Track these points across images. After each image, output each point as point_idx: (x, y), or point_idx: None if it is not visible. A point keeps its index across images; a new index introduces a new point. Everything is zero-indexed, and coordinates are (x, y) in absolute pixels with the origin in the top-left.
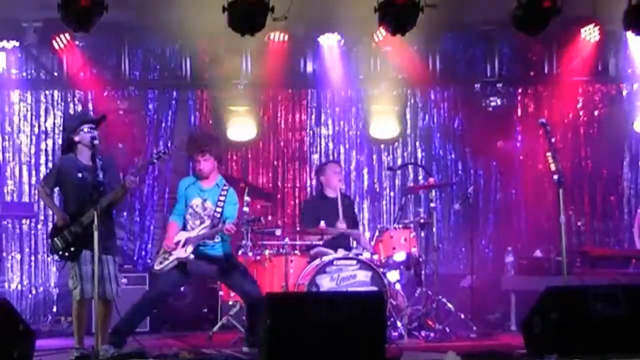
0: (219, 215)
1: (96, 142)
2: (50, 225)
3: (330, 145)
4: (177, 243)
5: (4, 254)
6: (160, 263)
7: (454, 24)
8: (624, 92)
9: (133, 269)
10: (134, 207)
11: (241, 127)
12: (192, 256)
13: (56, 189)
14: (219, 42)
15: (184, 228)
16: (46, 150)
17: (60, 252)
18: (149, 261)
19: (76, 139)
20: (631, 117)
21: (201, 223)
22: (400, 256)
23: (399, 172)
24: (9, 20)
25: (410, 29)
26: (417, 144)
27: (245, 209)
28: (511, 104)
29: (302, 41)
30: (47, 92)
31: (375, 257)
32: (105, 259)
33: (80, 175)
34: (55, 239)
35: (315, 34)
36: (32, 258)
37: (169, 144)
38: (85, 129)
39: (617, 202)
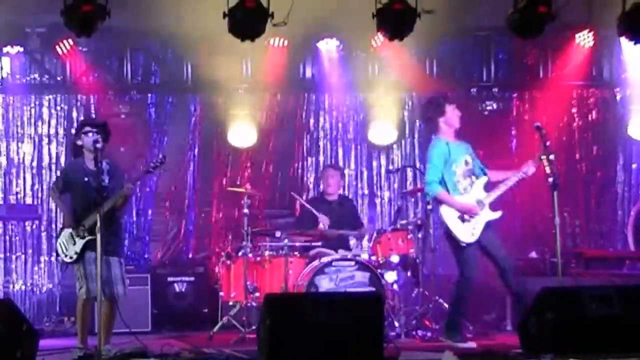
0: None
1: (98, 145)
2: (53, 226)
3: (329, 149)
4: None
5: (9, 255)
6: (472, 235)
7: (450, 29)
8: (618, 97)
9: (135, 270)
10: (135, 209)
11: (241, 131)
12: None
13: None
14: (219, 47)
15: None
16: (50, 154)
17: (65, 255)
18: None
19: (79, 142)
20: (625, 121)
21: (471, 183)
22: (397, 257)
23: (396, 174)
24: (12, 26)
25: (407, 34)
26: (415, 147)
27: (245, 210)
28: (507, 108)
29: (301, 46)
30: (50, 96)
31: (373, 258)
32: (112, 260)
33: (86, 179)
34: (60, 241)
35: (314, 39)
36: (36, 259)
37: (162, 155)
38: (90, 134)
39: (611, 205)
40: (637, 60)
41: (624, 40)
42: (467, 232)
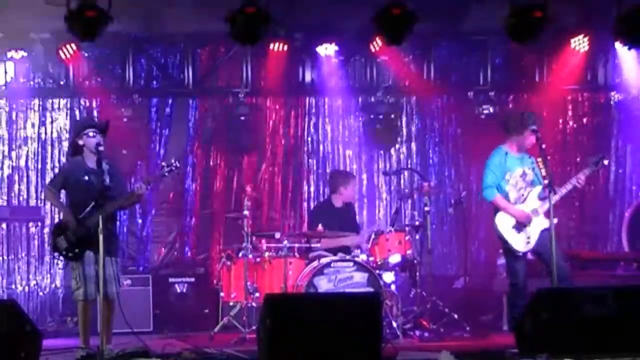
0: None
1: (101, 148)
2: None
3: (328, 152)
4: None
5: (12, 256)
6: (528, 244)
7: (448, 33)
8: (612, 101)
9: (136, 271)
10: (136, 211)
11: (241, 134)
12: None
13: (62, 192)
14: (220, 52)
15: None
16: (52, 156)
17: (64, 252)
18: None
19: (80, 142)
20: (618, 124)
21: (523, 195)
22: (395, 258)
23: (394, 177)
24: (17, 31)
25: (406, 38)
26: (413, 149)
27: (246, 212)
28: (503, 111)
29: (300, 51)
30: (54, 100)
31: (372, 259)
32: (108, 260)
33: (86, 178)
34: (59, 238)
35: (313, 44)
36: (39, 260)
37: (175, 160)
38: (91, 134)
39: (605, 207)
40: (632, 64)
41: (618, 45)
42: (522, 241)
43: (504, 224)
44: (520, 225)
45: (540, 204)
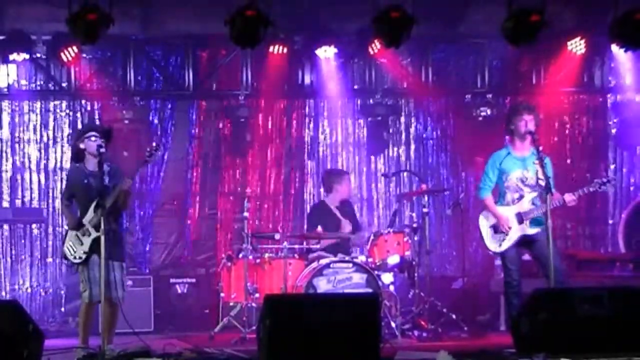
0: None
1: (102, 150)
2: (59, 229)
3: (327, 153)
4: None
5: (15, 257)
6: (500, 245)
7: (446, 36)
8: (609, 103)
9: (137, 272)
10: (137, 213)
11: (241, 135)
12: (536, 230)
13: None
14: (221, 54)
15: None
16: (55, 158)
17: (73, 257)
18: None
19: (82, 146)
20: (615, 126)
21: (520, 196)
22: (394, 259)
23: (393, 178)
24: (19, 34)
25: (404, 41)
26: (411, 151)
27: (246, 214)
28: (500, 114)
29: (300, 53)
30: (55, 102)
31: (370, 260)
32: (112, 264)
33: (85, 181)
34: (68, 244)
35: (313, 46)
36: (42, 261)
37: (154, 143)
38: (92, 138)
39: (602, 208)
40: (628, 66)
41: (615, 47)
42: (495, 243)
43: (484, 221)
44: (499, 228)
45: (529, 209)
